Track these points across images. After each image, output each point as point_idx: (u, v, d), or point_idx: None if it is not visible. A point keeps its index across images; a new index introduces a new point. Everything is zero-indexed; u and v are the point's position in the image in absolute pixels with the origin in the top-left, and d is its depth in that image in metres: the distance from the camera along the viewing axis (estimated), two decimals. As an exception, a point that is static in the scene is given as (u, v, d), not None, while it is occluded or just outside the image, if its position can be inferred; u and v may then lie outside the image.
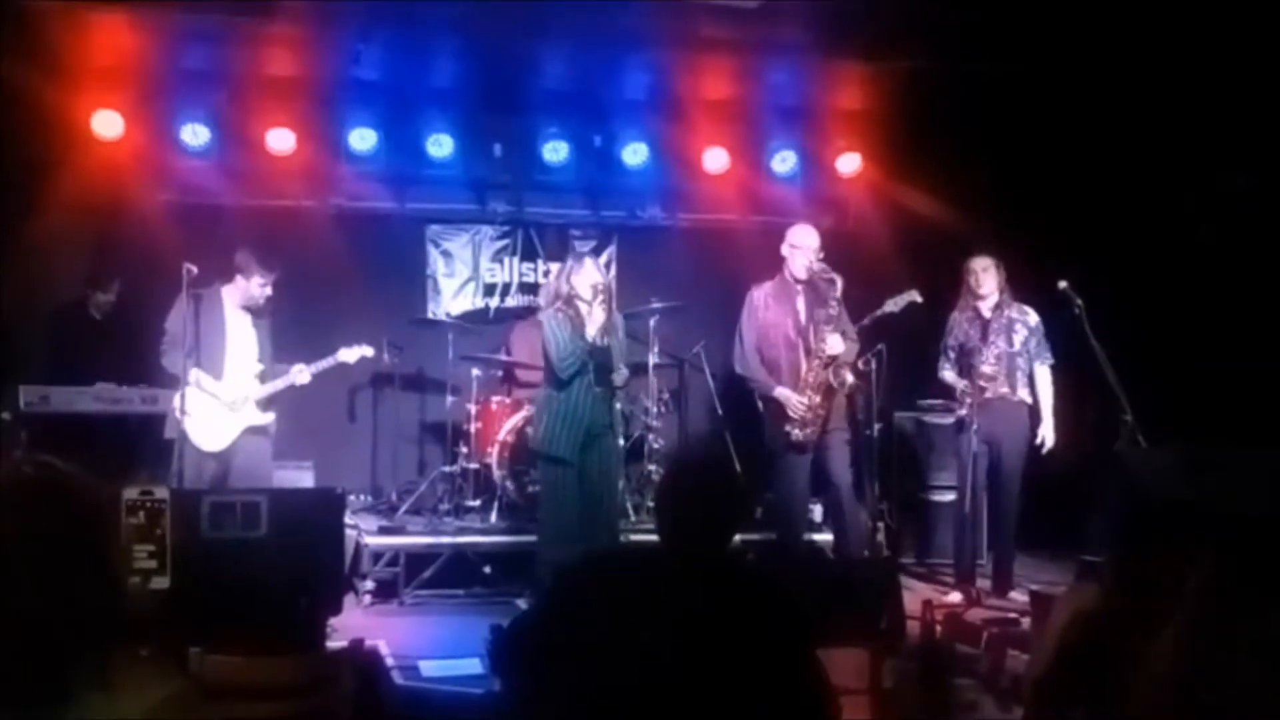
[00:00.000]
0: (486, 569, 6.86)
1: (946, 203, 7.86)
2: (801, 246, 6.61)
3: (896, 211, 8.34)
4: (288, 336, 6.74)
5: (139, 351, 6.70)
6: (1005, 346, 6.79)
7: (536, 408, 6.41)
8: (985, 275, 6.82)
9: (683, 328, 8.12)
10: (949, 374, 6.96)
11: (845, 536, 6.73)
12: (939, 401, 7.67)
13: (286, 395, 6.55)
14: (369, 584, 6.66)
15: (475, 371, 7.55)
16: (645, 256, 8.61)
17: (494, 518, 7.27)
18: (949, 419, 7.34)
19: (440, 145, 7.82)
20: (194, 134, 7.44)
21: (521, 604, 6.28)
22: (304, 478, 7.23)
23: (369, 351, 6.77)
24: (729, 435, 7.70)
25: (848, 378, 6.60)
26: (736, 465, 5.89)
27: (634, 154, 8.10)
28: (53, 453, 2.08)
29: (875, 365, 6.98)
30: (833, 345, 6.52)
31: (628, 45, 7.28)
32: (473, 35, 7.14)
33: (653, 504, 3.50)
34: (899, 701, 4.31)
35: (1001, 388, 6.76)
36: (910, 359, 7.31)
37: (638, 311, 7.60)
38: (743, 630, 2.62)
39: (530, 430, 6.70)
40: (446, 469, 7.57)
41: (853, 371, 6.69)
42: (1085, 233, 7.54)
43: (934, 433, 7.89)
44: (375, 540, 6.83)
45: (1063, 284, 6.52)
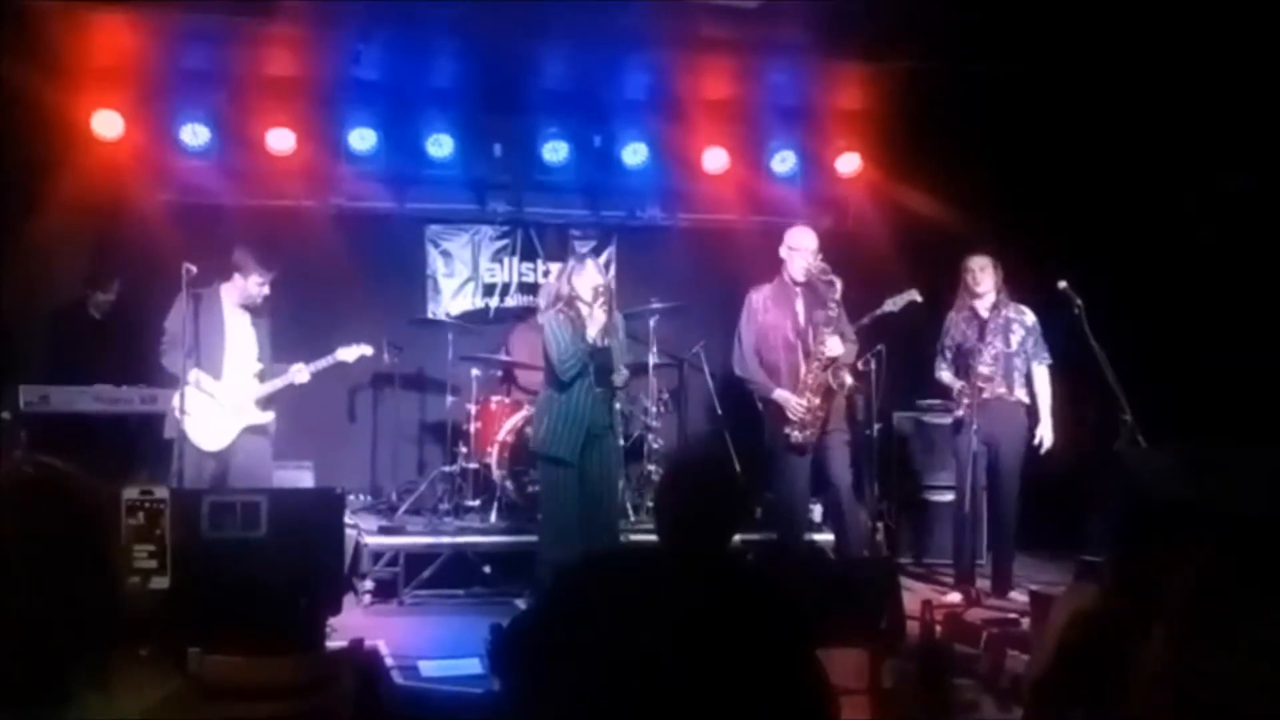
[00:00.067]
0: (486, 569, 6.86)
1: (946, 203, 7.85)
2: (800, 248, 6.61)
3: (896, 211, 8.34)
4: (287, 336, 6.74)
5: (139, 351, 6.70)
6: (1002, 347, 6.79)
7: (537, 408, 6.41)
8: (983, 274, 6.81)
9: (682, 328, 8.12)
10: (946, 374, 6.96)
11: (845, 537, 6.74)
12: (938, 402, 7.65)
13: (286, 395, 6.54)
14: (369, 584, 6.66)
15: (475, 371, 7.55)
16: (645, 256, 8.60)
17: (494, 518, 7.27)
18: (948, 419, 7.33)
19: (440, 145, 7.82)
20: (194, 134, 7.44)
21: (521, 604, 6.28)
22: (304, 478, 7.23)
23: (368, 350, 6.76)
24: (729, 435, 7.69)
25: (847, 379, 6.60)
26: (736, 465, 5.89)
27: (634, 154, 8.09)
28: (52, 453, 2.08)
29: (875, 365, 6.99)
30: (832, 347, 6.52)
31: (628, 45, 7.27)
32: (473, 35, 7.14)
33: (653, 504, 3.49)
34: (899, 701, 4.30)
35: (999, 388, 6.76)
36: (910, 359, 7.31)
37: (637, 311, 7.60)
38: (743, 630, 2.62)
39: (530, 430, 6.71)
40: (446, 469, 7.57)
41: (852, 373, 6.70)
42: (1085, 233, 7.54)
43: (933, 433, 7.88)
44: (375, 540, 6.83)
45: (1062, 284, 6.52)
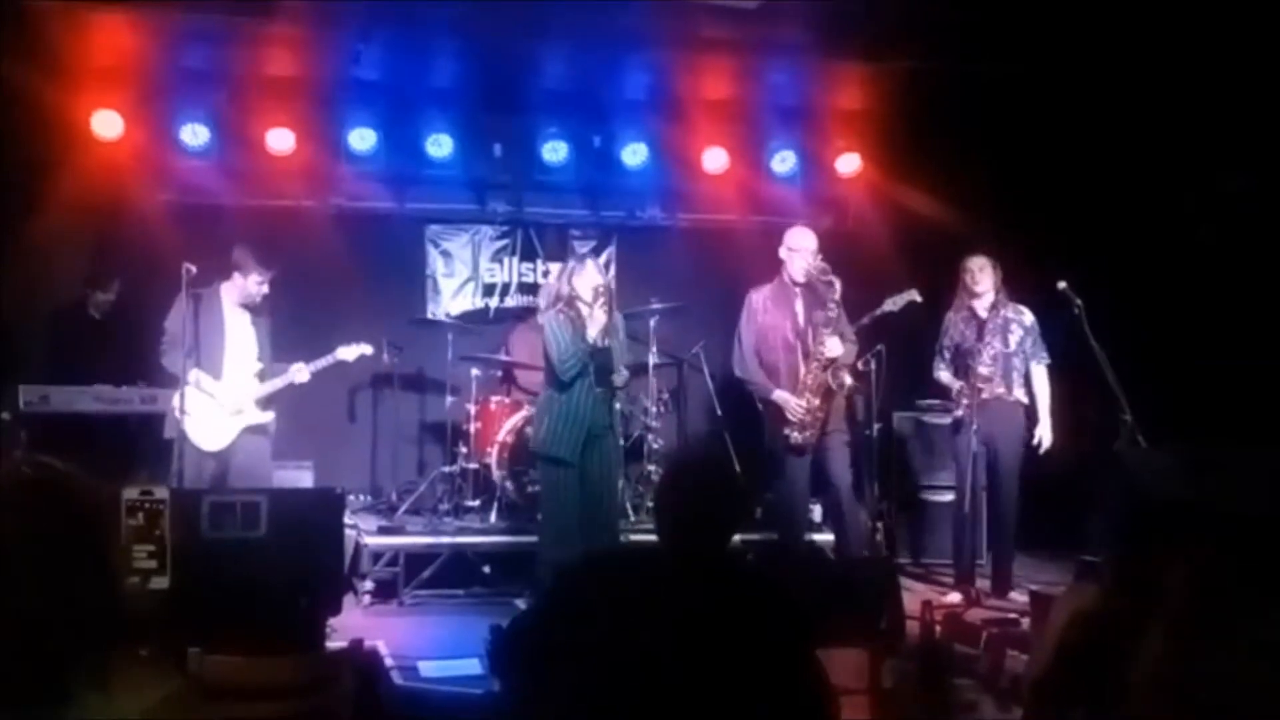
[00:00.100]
0: (486, 569, 6.86)
1: (946, 203, 7.85)
2: (799, 249, 6.61)
3: (896, 211, 8.34)
4: (287, 336, 6.74)
5: (139, 351, 6.70)
6: (1001, 347, 6.78)
7: (538, 409, 6.41)
8: (981, 274, 6.81)
9: (682, 328, 8.12)
10: (944, 374, 6.95)
11: (845, 537, 6.74)
12: (937, 402, 7.64)
13: (286, 395, 6.55)
14: (368, 584, 6.66)
15: (475, 371, 7.55)
16: (645, 257, 8.60)
17: (493, 518, 7.27)
18: (947, 419, 7.32)
19: (440, 145, 7.81)
20: (194, 134, 7.44)
21: (521, 604, 6.27)
22: (304, 477, 7.24)
23: (368, 350, 6.76)
24: (728, 435, 7.68)
25: (846, 380, 6.60)
26: (736, 465, 5.89)
27: (633, 154, 8.09)
28: (52, 453, 2.08)
29: (874, 366, 6.98)
30: (831, 348, 6.52)
31: (628, 45, 7.27)
32: (473, 35, 7.14)
33: (653, 504, 3.49)
34: (899, 701, 4.30)
35: (998, 388, 6.75)
36: (909, 359, 7.30)
37: (637, 312, 7.60)
38: (743, 630, 2.62)
39: (530, 430, 6.70)
40: (446, 469, 7.57)
41: (851, 373, 6.69)
42: (1085, 233, 7.54)
43: (933, 433, 7.87)
44: (375, 540, 6.83)
45: (1062, 284, 6.51)
